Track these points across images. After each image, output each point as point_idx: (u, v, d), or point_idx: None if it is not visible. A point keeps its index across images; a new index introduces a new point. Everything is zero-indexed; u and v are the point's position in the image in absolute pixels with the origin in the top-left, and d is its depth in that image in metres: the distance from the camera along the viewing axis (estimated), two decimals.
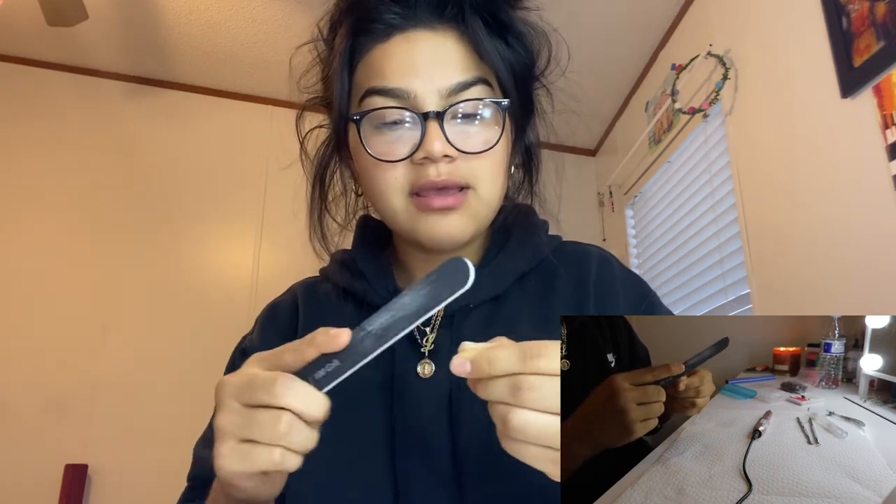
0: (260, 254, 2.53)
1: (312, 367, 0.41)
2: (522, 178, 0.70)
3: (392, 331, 0.40)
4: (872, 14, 1.33)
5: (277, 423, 0.39)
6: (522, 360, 0.39)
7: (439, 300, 0.40)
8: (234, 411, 0.41)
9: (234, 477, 0.41)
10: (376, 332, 0.41)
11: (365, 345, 0.41)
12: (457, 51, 0.58)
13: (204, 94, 2.67)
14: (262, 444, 0.40)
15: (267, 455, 0.40)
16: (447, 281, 0.40)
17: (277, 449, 0.40)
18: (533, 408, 0.38)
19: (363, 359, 0.41)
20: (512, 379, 0.39)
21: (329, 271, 0.70)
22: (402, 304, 0.40)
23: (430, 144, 0.55)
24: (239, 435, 0.40)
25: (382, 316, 0.41)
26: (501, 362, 0.39)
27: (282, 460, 0.40)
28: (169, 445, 2.12)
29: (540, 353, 0.39)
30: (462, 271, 0.40)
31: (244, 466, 0.40)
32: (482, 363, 0.39)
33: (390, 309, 0.41)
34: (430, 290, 0.40)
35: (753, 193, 1.75)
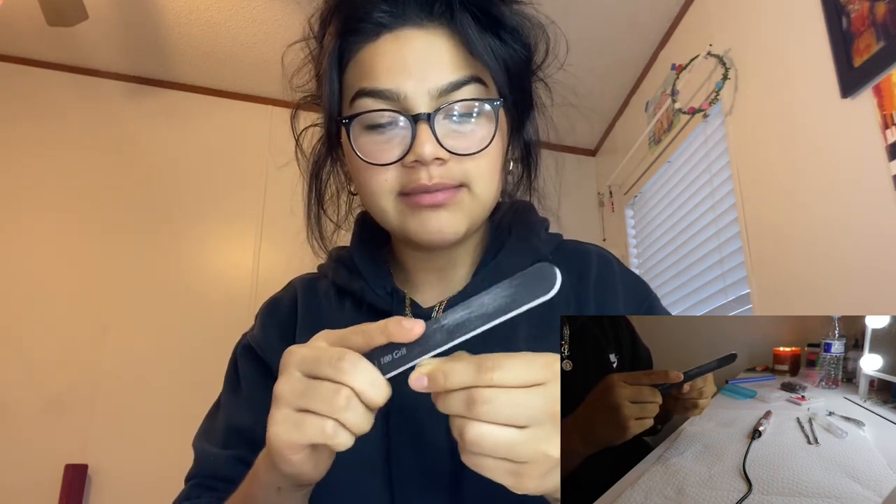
0: (260, 253, 2.53)
1: (379, 351, 0.41)
2: (521, 173, 0.69)
3: (465, 328, 0.40)
4: (872, 14, 1.33)
5: (336, 396, 0.39)
6: (477, 372, 0.38)
7: (519, 304, 0.39)
8: (295, 379, 0.41)
9: (282, 446, 0.41)
10: (449, 326, 0.40)
11: (436, 338, 0.40)
12: (447, 49, 0.57)
13: (204, 94, 2.67)
14: (316, 414, 0.40)
15: (320, 426, 0.39)
16: (531, 286, 0.39)
17: (330, 421, 0.39)
18: (488, 420, 0.38)
19: (431, 351, 0.41)
20: (467, 392, 0.38)
21: (327, 269, 0.70)
22: (481, 303, 0.40)
23: (420, 147, 0.54)
24: (295, 403, 0.40)
25: (459, 312, 0.40)
26: (456, 375, 0.39)
27: (333, 433, 0.39)
28: (169, 445, 2.12)
29: (495, 365, 0.38)
30: (548, 279, 0.38)
31: (295, 435, 0.40)
32: (438, 377, 0.39)
33: (469, 306, 0.40)
34: (513, 293, 0.39)
35: (753, 193, 1.75)
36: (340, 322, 0.65)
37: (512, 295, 0.39)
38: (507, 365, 0.39)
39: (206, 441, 0.65)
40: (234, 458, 0.61)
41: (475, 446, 0.38)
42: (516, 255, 0.64)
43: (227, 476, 0.61)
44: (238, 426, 0.64)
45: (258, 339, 0.68)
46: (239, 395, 0.66)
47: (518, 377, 0.39)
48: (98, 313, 2.31)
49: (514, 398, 0.38)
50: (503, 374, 0.38)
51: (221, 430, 0.65)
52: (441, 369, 0.39)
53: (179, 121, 2.62)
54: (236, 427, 0.64)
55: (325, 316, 0.66)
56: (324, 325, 0.65)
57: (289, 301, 0.70)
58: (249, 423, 0.63)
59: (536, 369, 0.39)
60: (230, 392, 0.68)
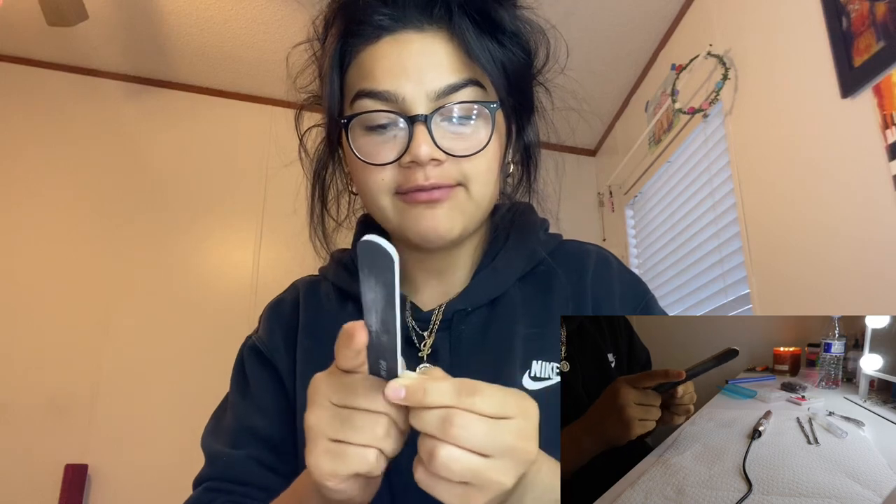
0: (260, 254, 2.53)
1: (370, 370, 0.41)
2: (521, 175, 0.69)
3: (389, 321, 0.39)
4: (872, 14, 1.33)
5: (376, 426, 0.40)
6: (458, 394, 0.38)
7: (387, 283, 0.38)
8: (326, 410, 0.41)
9: (325, 477, 0.40)
10: (379, 328, 0.40)
11: (382, 340, 0.40)
12: (446, 52, 0.58)
13: (204, 94, 2.67)
14: (356, 445, 0.40)
15: (362, 456, 0.40)
16: (377, 264, 0.37)
17: (372, 450, 0.40)
18: (459, 444, 0.38)
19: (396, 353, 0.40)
20: (444, 412, 0.38)
21: (328, 271, 0.70)
22: (372, 301, 0.39)
23: (416, 148, 0.55)
24: (331, 434, 0.40)
25: (370, 317, 0.39)
26: (436, 394, 0.39)
27: (377, 463, 0.40)
28: (169, 445, 2.13)
29: (476, 391, 0.39)
30: (381, 250, 0.36)
31: (338, 467, 0.40)
32: (417, 392, 0.39)
33: (367, 309, 0.39)
34: (373, 277, 0.38)
35: (753, 193, 1.75)
36: (341, 324, 0.65)
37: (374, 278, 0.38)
38: (487, 393, 0.39)
39: (216, 442, 0.65)
40: (248, 458, 0.61)
41: (444, 469, 0.38)
42: (514, 257, 0.65)
43: (241, 478, 0.61)
44: (249, 426, 0.64)
45: (264, 339, 0.68)
46: (248, 397, 0.66)
47: (494, 407, 0.39)
48: (98, 313, 2.31)
49: (489, 427, 0.38)
50: (482, 401, 0.38)
51: (232, 430, 0.65)
52: (422, 385, 0.39)
53: (179, 121, 2.62)
54: (248, 427, 0.64)
55: (327, 318, 0.66)
56: (325, 327, 0.66)
57: (291, 302, 0.70)
58: (260, 423, 0.63)
59: (511, 403, 0.40)
60: (239, 393, 0.68)
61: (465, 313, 0.62)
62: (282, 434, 0.63)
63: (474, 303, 0.62)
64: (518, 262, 0.64)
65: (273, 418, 0.64)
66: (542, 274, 0.65)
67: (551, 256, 0.65)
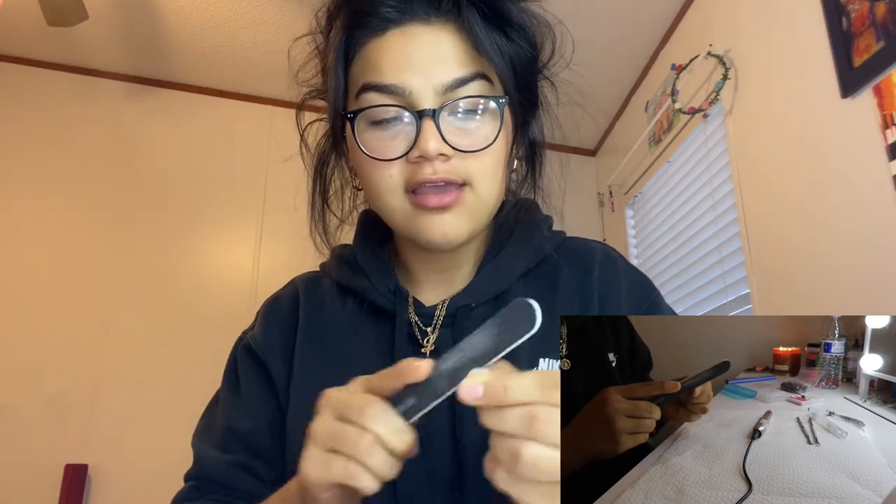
0: (260, 253, 2.53)
1: (397, 398, 0.42)
2: (526, 172, 0.69)
3: (462, 372, 0.40)
4: (872, 14, 1.33)
5: (359, 440, 0.40)
6: (542, 389, 0.37)
7: (507, 343, 0.40)
8: (328, 421, 0.42)
9: (312, 482, 0.42)
10: (448, 371, 0.41)
11: (440, 384, 0.41)
12: (453, 45, 0.57)
13: (204, 94, 2.67)
14: (342, 455, 0.41)
15: (344, 467, 0.40)
16: (514, 324, 0.39)
17: (354, 463, 0.40)
18: (546, 442, 0.36)
19: (437, 399, 0.41)
20: (528, 409, 0.36)
21: (329, 267, 0.70)
22: (471, 344, 0.41)
23: (424, 143, 0.54)
24: (325, 444, 0.42)
25: (454, 356, 0.41)
26: (520, 390, 0.37)
27: (356, 474, 0.40)
28: (169, 445, 2.12)
29: (557, 383, 0.37)
30: (529, 315, 0.39)
31: (322, 474, 0.41)
32: (497, 389, 0.37)
33: (461, 349, 0.41)
34: (498, 332, 0.40)
35: (753, 193, 1.75)
36: (343, 321, 0.65)
37: (497, 335, 0.40)
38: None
39: (205, 441, 0.65)
40: (232, 464, 0.62)
41: (533, 469, 0.36)
42: (518, 253, 0.64)
43: (225, 482, 0.61)
44: (237, 429, 0.64)
45: (258, 339, 0.67)
46: (238, 397, 0.66)
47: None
48: (98, 313, 2.31)
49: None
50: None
51: (220, 430, 0.65)
52: (502, 382, 0.37)
53: (179, 121, 2.62)
54: (235, 430, 0.64)
55: (328, 314, 0.66)
56: (326, 324, 0.65)
57: (290, 299, 0.70)
58: (248, 426, 0.63)
59: None
60: (229, 391, 0.68)
61: (469, 309, 0.61)
62: (268, 439, 0.63)
63: (478, 298, 0.62)
64: (522, 259, 0.64)
65: (261, 422, 0.64)
66: (547, 271, 0.64)
67: (555, 253, 0.65)
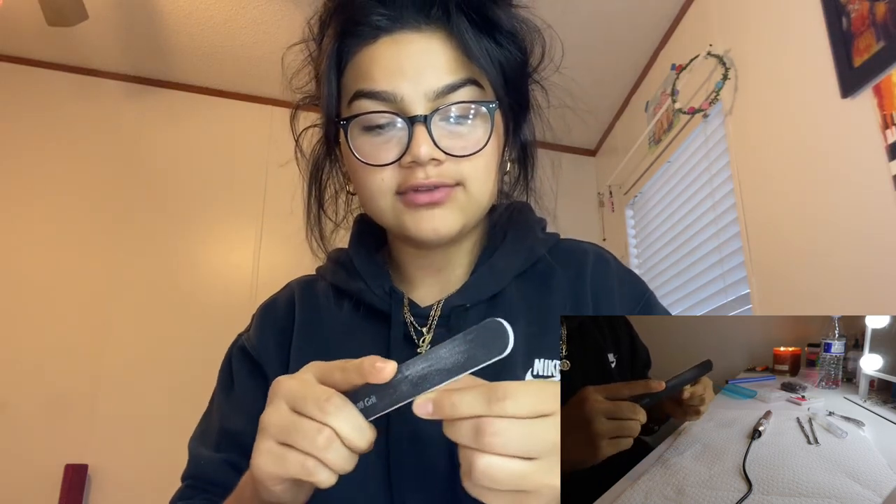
0: (260, 254, 2.53)
1: (356, 395, 0.42)
2: (518, 174, 0.70)
3: (427, 381, 0.40)
4: (872, 14, 1.33)
5: (317, 436, 0.40)
6: (487, 402, 0.37)
7: (474, 363, 0.39)
8: (281, 412, 0.42)
9: (264, 476, 0.42)
10: (413, 378, 0.41)
11: (402, 388, 0.41)
12: (444, 52, 0.58)
13: (204, 94, 2.67)
14: (298, 450, 0.40)
15: (301, 462, 0.40)
16: (485, 343, 0.39)
17: (311, 459, 0.40)
18: (498, 453, 0.36)
19: (397, 403, 0.41)
20: (475, 422, 0.37)
21: (325, 270, 0.70)
22: (438, 356, 0.40)
23: (417, 148, 0.55)
24: (279, 437, 0.41)
25: (420, 364, 0.41)
26: (464, 405, 0.38)
27: (314, 470, 0.40)
28: (169, 445, 2.12)
29: (506, 395, 0.37)
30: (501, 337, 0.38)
31: (277, 468, 0.41)
32: (444, 405, 0.38)
33: (428, 359, 0.41)
34: (468, 349, 0.40)
35: (753, 193, 1.75)
36: (339, 323, 0.66)
37: (467, 351, 0.40)
38: (518, 394, 0.37)
39: (201, 443, 0.66)
40: (225, 463, 0.62)
41: (485, 479, 0.37)
42: (512, 254, 0.65)
43: (217, 481, 0.62)
44: (230, 430, 0.64)
45: (253, 341, 0.68)
46: (232, 398, 0.67)
47: (529, 407, 0.37)
48: (98, 313, 2.31)
49: (525, 429, 0.37)
50: (514, 404, 0.37)
51: (215, 431, 0.65)
52: (448, 398, 0.38)
53: (179, 121, 2.62)
54: (228, 430, 0.64)
55: (324, 317, 0.66)
56: (322, 327, 0.66)
57: (286, 303, 0.70)
58: (241, 427, 0.63)
59: (547, 399, 0.38)
60: (223, 393, 0.68)
61: (464, 310, 0.62)
62: None
63: (473, 299, 0.62)
64: (516, 260, 0.64)
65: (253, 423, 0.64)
66: (541, 272, 0.65)
67: (549, 255, 0.66)
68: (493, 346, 0.39)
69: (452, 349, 0.40)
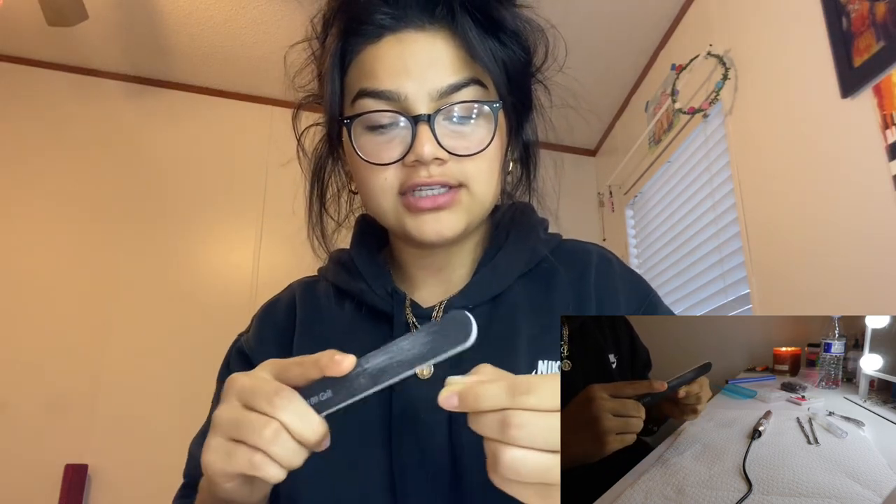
0: (260, 254, 2.53)
1: (311, 390, 0.42)
2: (521, 174, 0.70)
3: (387, 374, 0.40)
4: (872, 14, 1.33)
5: (264, 429, 0.40)
6: (511, 395, 0.38)
7: (437, 353, 0.39)
8: (232, 408, 0.42)
9: (215, 473, 0.42)
10: (372, 371, 0.40)
11: (359, 381, 0.41)
12: (447, 51, 0.57)
13: (204, 94, 2.67)
14: (246, 445, 0.40)
15: (247, 457, 0.40)
16: (448, 335, 0.39)
17: (258, 454, 0.40)
18: (523, 445, 0.37)
19: (354, 396, 0.41)
20: (501, 415, 0.38)
21: (327, 271, 0.70)
22: (400, 348, 0.40)
23: (420, 147, 0.55)
24: (228, 433, 0.41)
25: (380, 357, 0.41)
26: (489, 398, 0.38)
27: (260, 465, 0.40)
28: (169, 445, 2.12)
29: (529, 388, 0.38)
30: (464, 328, 0.39)
31: (225, 464, 0.41)
32: (469, 398, 0.39)
33: (388, 351, 0.40)
34: (431, 340, 0.39)
35: (753, 193, 1.75)
36: (340, 324, 0.66)
37: (430, 343, 0.39)
38: (541, 388, 0.38)
39: (198, 442, 0.66)
40: None
41: (511, 472, 0.37)
42: (515, 254, 0.65)
43: None
44: None
45: (251, 343, 0.68)
46: None
47: (553, 401, 0.38)
48: (98, 313, 2.31)
49: (549, 422, 0.37)
50: (538, 397, 0.37)
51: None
52: (473, 391, 0.39)
53: (179, 121, 2.62)
54: None
55: (325, 318, 0.66)
56: (323, 328, 0.66)
57: (287, 303, 0.70)
58: None
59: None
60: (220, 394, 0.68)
61: (467, 311, 0.61)
62: None
63: (475, 300, 0.62)
64: (519, 261, 0.64)
65: None
66: (544, 273, 0.65)
67: (552, 255, 0.65)
68: (456, 337, 0.39)
69: (415, 341, 0.40)
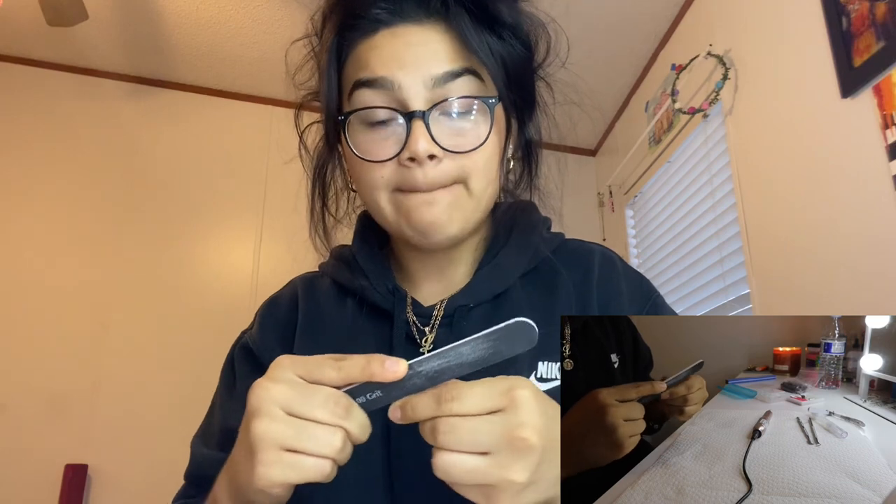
0: (260, 253, 2.53)
1: (358, 389, 0.42)
2: (522, 172, 0.69)
3: (445, 375, 0.42)
4: (872, 14, 1.33)
5: (334, 439, 0.41)
6: (437, 403, 0.40)
7: (499, 357, 0.41)
8: (279, 420, 0.41)
9: (272, 486, 0.41)
10: (429, 373, 0.42)
11: (413, 382, 0.42)
12: (443, 44, 0.57)
13: (204, 94, 2.67)
14: (312, 455, 0.41)
15: (319, 467, 0.41)
16: (511, 341, 0.41)
17: (329, 461, 0.41)
18: (450, 448, 0.40)
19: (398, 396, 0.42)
20: (431, 423, 0.41)
21: (328, 267, 0.70)
22: (459, 353, 0.41)
23: (414, 144, 0.54)
24: (285, 444, 0.41)
25: (436, 361, 0.42)
26: (421, 408, 0.41)
27: (332, 472, 0.41)
28: (169, 445, 2.13)
29: (454, 395, 0.40)
30: (528, 336, 0.41)
31: (291, 476, 0.41)
32: (406, 409, 0.42)
33: (446, 356, 0.41)
34: (492, 345, 0.41)
35: (753, 193, 1.75)
36: (341, 320, 0.66)
37: (491, 348, 0.41)
38: (465, 394, 0.40)
39: (203, 442, 0.66)
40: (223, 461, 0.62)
41: (444, 474, 0.40)
42: (517, 253, 0.64)
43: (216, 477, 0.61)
44: (233, 428, 0.64)
45: (256, 339, 0.68)
46: (234, 397, 0.66)
47: (476, 405, 0.40)
48: (98, 313, 2.31)
49: (474, 426, 0.40)
50: (461, 403, 0.40)
51: (217, 431, 0.65)
52: (410, 403, 0.42)
53: (179, 121, 2.62)
54: (231, 429, 0.64)
55: (326, 315, 0.66)
56: (325, 324, 0.65)
57: (289, 300, 0.70)
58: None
59: (495, 397, 0.40)
60: (226, 392, 0.68)
61: (468, 309, 0.61)
62: None
63: (476, 299, 0.62)
64: (520, 260, 0.64)
65: None
66: (546, 273, 0.64)
67: (554, 255, 0.65)
68: (518, 343, 0.41)
69: (475, 346, 0.41)
